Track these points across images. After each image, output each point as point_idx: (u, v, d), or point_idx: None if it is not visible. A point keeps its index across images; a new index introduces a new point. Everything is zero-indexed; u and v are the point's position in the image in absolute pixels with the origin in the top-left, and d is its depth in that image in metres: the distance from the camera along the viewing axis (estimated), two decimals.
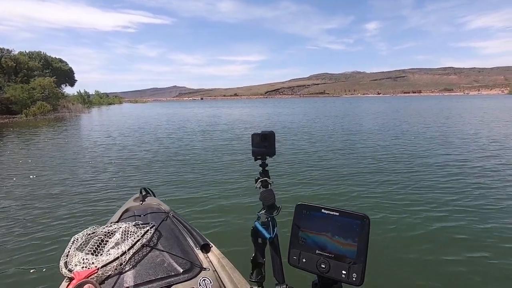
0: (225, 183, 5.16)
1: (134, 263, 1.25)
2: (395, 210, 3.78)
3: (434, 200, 4.06)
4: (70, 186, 5.26)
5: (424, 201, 4.02)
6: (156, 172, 6.09)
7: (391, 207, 3.88)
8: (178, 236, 1.52)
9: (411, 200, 4.10)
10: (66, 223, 3.65)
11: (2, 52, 36.46)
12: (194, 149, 8.63)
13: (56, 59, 46.56)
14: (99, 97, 60.56)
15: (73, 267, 1.19)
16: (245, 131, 12.51)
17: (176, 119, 20.92)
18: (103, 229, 1.41)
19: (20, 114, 26.99)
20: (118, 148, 9.30)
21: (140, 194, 2.14)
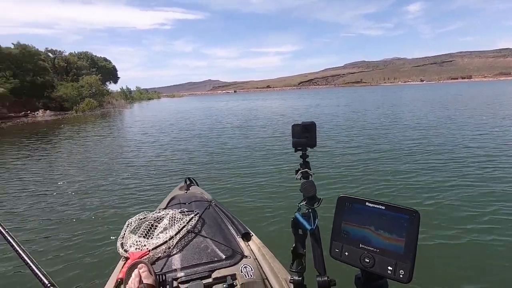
0: (263, 173, 5.20)
1: (181, 247, 1.34)
2: (447, 209, 3.39)
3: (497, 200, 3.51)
4: (122, 175, 5.75)
5: (482, 203, 3.48)
6: (199, 162, 6.37)
7: (441, 206, 3.48)
8: (220, 224, 1.59)
9: (466, 199, 3.62)
10: (120, 208, 4.03)
11: (55, 54, 39.71)
12: (233, 141, 8.68)
13: (101, 58, 49.68)
14: (139, 92, 63.85)
15: (128, 248, 1.32)
16: (281, 123, 12.17)
17: (212, 112, 21.11)
18: (152, 215, 1.54)
19: (71, 110, 29.23)
20: (161, 140, 9.73)
21: (185, 183, 2.27)
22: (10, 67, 28.69)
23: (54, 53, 39.46)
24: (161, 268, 1.22)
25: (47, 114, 27.13)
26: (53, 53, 39.34)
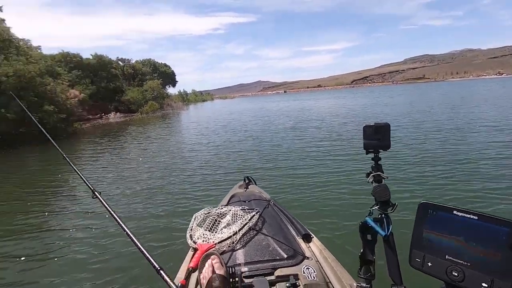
0: (320, 175, 5.11)
1: (244, 243, 1.39)
2: None
3: None
4: (184, 172, 6.18)
5: None
6: (254, 162, 6.50)
7: None
8: (279, 224, 1.61)
9: None
10: (185, 203, 4.35)
11: (124, 62, 44.29)
12: (287, 142, 8.62)
13: (162, 64, 53.92)
14: (194, 95, 67.76)
15: (196, 240, 1.42)
16: (336, 123, 11.55)
17: (264, 113, 21.16)
18: (216, 210, 1.63)
19: (137, 112, 32.26)
20: (217, 140, 10.10)
21: (244, 182, 2.36)
22: (89, 75, 32.89)
23: (123, 61, 44.11)
24: (226, 261, 1.27)
25: (117, 116, 30.39)
26: (123, 61, 44.00)
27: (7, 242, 3.59)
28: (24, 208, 4.77)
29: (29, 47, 19.19)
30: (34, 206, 4.87)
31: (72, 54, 32.50)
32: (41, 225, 4.08)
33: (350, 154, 6.54)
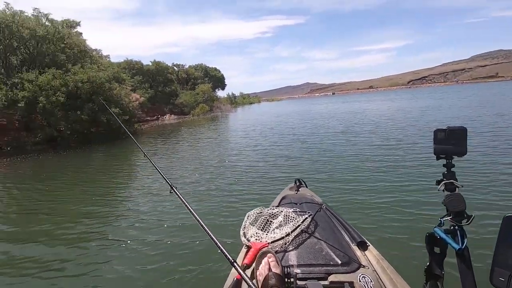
0: (379, 180, 4.86)
1: (296, 245, 1.39)
2: None
3: None
4: (236, 172, 6.36)
5: None
6: (304, 165, 6.42)
7: None
8: (332, 228, 1.58)
9: None
10: (237, 201, 4.52)
11: (179, 67, 47.31)
12: (337, 146, 8.34)
13: (212, 68, 56.31)
14: (242, 98, 69.28)
15: (249, 238, 1.45)
16: (393, 128, 10.65)
17: (311, 116, 20.64)
18: (268, 211, 1.65)
19: (189, 114, 34.10)
20: (266, 142, 10.19)
21: (295, 184, 2.35)
22: (148, 80, 35.81)
23: (178, 67, 47.16)
24: (280, 261, 1.27)
25: (172, 118, 32.51)
26: (178, 66, 47.06)
27: (85, 229, 4.06)
28: (100, 199, 5.44)
29: (100, 56, 21.60)
30: (110, 197, 5.62)
31: (134, 61, 35.79)
32: (116, 215, 4.59)
33: (411, 160, 6.02)
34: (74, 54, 16.93)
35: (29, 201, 5.77)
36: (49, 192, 6.29)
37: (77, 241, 3.71)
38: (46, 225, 4.31)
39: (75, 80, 13.92)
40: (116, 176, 7.49)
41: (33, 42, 15.05)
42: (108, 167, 9.03)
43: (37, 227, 4.26)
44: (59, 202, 5.52)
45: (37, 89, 13.01)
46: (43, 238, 3.88)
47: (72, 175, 8.10)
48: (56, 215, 4.76)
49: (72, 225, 4.25)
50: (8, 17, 14.23)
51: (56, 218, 4.58)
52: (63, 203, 5.46)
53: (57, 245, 3.68)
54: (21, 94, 12.77)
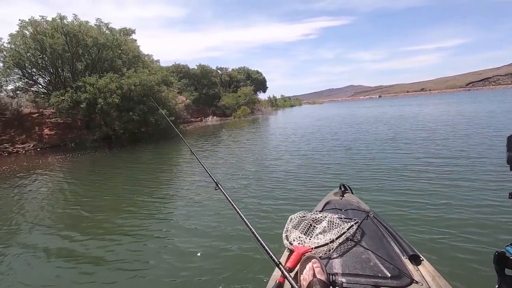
0: (436, 190, 4.44)
1: (341, 252, 1.35)
2: None
3: None
4: (278, 174, 6.36)
5: None
6: (351, 171, 6.15)
7: None
8: (381, 239, 1.48)
9: None
10: (280, 203, 4.48)
11: (222, 71, 48.73)
12: (389, 153, 7.81)
13: (254, 71, 57.01)
14: (283, 100, 68.97)
15: (292, 241, 1.43)
16: (453, 135, 9.53)
17: (356, 120, 19.60)
18: (311, 215, 1.63)
19: (230, 116, 34.83)
20: (308, 146, 10.01)
21: (340, 189, 2.28)
22: (193, 83, 37.45)
23: (222, 70, 48.60)
24: (325, 267, 1.24)
25: (214, 119, 33.52)
26: (221, 70, 48.51)
27: (130, 222, 4.32)
28: (147, 194, 5.79)
29: (152, 61, 23.08)
30: (157, 192, 5.97)
31: (181, 65, 37.73)
32: (162, 210, 4.85)
33: (476, 169, 5.36)
34: (129, 59, 18.32)
35: (83, 194, 6.30)
36: (101, 186, 6.81)
37: (123, 233, 3.94)
38: (97, 216, 4.68)
39: (128, 83, 15.00)
40: (163, 172, 8.01)
41: (95, 49, 16.61)
42: (156, 164, 9.65)
43: (89, 219, 4.62)
44: (109, 196, 5.92)
45: (97, 91, 14.28)
46: (93, 229, 4.18)
47: (123, 171, 8.71)
48: (106, 208, 5.11)
49: (121, 217, 4.57)
50: (76, 27, 15.90)
51: (107, 211, 4.92)
52: (113, 196, 5.86)
53: (104, 236, 3.91)
54: (83, 96, 14.14)
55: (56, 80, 17.33)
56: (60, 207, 5.39)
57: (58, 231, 4.19)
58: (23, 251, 3.60)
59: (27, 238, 4.04)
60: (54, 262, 3.31)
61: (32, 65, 16.73)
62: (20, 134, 16.72)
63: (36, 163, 10.99)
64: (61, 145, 16.63)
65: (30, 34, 15.55)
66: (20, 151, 15.15)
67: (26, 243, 3.85)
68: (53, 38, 15.18)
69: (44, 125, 17.81)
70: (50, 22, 15.66)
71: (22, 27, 15.49)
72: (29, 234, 4.18)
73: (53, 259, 3.38)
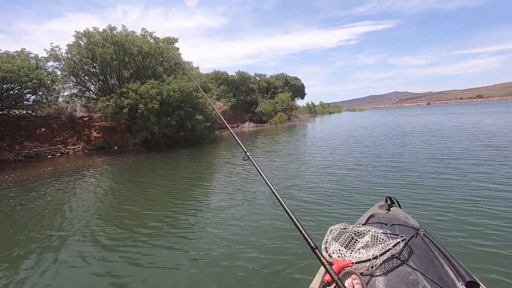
0: (498, 213, 3.88)
1: (385, 271, 1.25)
2: None
3: None
4: (318, 183, 6.20)
5: None
6: (400, 182, 5.77)
7: None
8: (432, 260, 1.36)
9: None
10: (320, 213, 4.35)
11: (260, 77, 48.89)
12: (445, 162, 7.32)
13: (292, 77, 56.36)
14: (322, 107, 67.14)
15: (331, 254, 1.36)
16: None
17: (403, 130, 17.97)
18: (353, 228, 1.56)
19: (267, 122, 34.51)
20: (351, 155, 9.55)
21: (386, 202, 2.13)
22: (232, 90, 37.98)
23: (260, 77, 48.77)
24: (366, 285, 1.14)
25: (250, 126, 33.49)
26: (259, 76, 48.71)
27: (167, 222, 4.53)
28: (181, 198, 5.96)
29: (191, 68, 23.75)
30: (191, 196, 6.10)
31: (221, 72, 38.52)
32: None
33: None
34: (171, 66, 18.98)
35: (123, 194, 6.62)
36: (140, 187, 7.13)
37: (160, 229, 4.26)
38: (136, 212, 5.11)
39: (168, 89, 15.42)
40: (199, 176, 8.15)
41: (139, 57, 17.46)
42: (190, 167, 9.78)
43: (129, 215, 5.01)
44: (147, 196, 6.22)
45: (138, 97, 14.88)
46: (133, 221, 4.66)
47: (161, 173, 9.03)
48: (145, 206, 5.47)
49: (159, 215, 4.89)
50: (123, 37, 16.90)
51: (146, 208, 5.29)
52: (150, 196, 6.15)
53: (148, 226, 4.37)
54: (126, 102, 14.82)
55: (104, 87, 18.56)
56: (106, 205, 5.80)
57: (105, 227, 4.50)
58: (75, 244, 3.90)
59: (76, 233, 4.31)
60: (98, 260, 3.46)
61: (84, 73, 18.13)
62: (72, 136, 18.11)
63: (84, 164, 11.62)
64: (106, 147, 17.64)
65: (84, 44, 16.87)
66: (70, 152, 16.34)
67: (77, 237, 4.15)
68: (103, 48, 16.27)
69: (92, 128, 19.12)
70: (101, 33, 16.84)
71: (78, 38, 16.88)
72: (77, 229, 4.46)
73: (98, 256, 3.55)
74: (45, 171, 10.22)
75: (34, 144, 16.19)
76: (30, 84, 14.49)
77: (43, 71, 16.07)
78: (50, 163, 12.68)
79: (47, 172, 9.94)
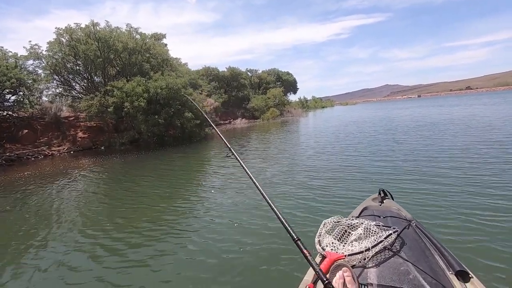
0: (491, 203, 3.87)
1: (377, 262, 1.26)
2: None
3: None
4: (312, 178, 6.08)
5: None
6: (393, 174, 5.73)
7: None
8: (423, 250, 1.39)
9: None
10: (312, 208, 4.31)
11: (252, 73, 48.38)
12: (435, 153, 7.36)
13: (284, 72, 55.97)
14: (314, 101, 67.02)
15: (324, 247, 1.38)
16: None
17: (394, 125, 17.88)
18: (346, 221, 1.57)
19: (259, 118, 34.18)
20: (343, 148, 9.52)
21: (379, 195, 2.16)
22: (223, 86, 37.45)
23: (251, 72, 48.26)
24: (356, 277, 1.16)
25: (242, 122, 33.08)
26: (251, 72, 48.18)
27: (158, 223, 4.43)
28: (171, 196, 5.96)
29: (180, 64, 23.15)
30: (180, 194, 6.08)
31: (211, 68, 37.91)
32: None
33: None
34: (158, 63, 18.41)
35: (113, 195, 6.46)
36: (130, 187, 6.98)
37: (150, 231, 4.13)
38: (126, 213, 4.99)
39: (155, 86, 14.91)
40: (192, 173, 8.10)
41: (125, 54, 16.86)
42: (183, 165, 9.66)
43: (119, 215, 4.92)
44: (137, 195, 6.10)
45: (124, 95, 14.35)
46: (122, 222, 4.57)
47: (149, 173, 8.74)
48: (135, 207, 5.34)
49: (149, 217, 4.75)
50: (107, 33, 16.26)
51: (135, 209, 5.19)
52: (140, 196, 6.01)
53: (134, 229, 4.23)
54: (111, 100, 14.28)
55: (89, 85, 17.92)
56: (92, 207, 5.65)
57: (91, 229, 4.40)
58: (59, 247, 3.83)
59: (60, 236, 4.24)
60: (86, 259, 3.46)
61: (68, 72, 17.45)
62: (57, 137, 17.47)
63: (66, 166, 11.12)
64: (92, 147, 17.07)
65: (66, 41, 16.19)
66: (55, 154, 15.76)
67: (61, 239, 4.11)
68: (86, 45, 15.62)
69: (78, 128, 18.49)
70: (83, 29, 16.17)
71: (59, 34, 16.17)
72: (62, 231, 4.40)
73: (86, 256, 3.54)
74: (22, 176, 9.71)
75: (17, 147, 15.55)
76: (9, 84, 13.83)
77: (22, 70, 15.38)
78: (30, 166, 12.13)
79: (24, 177, 9.44)
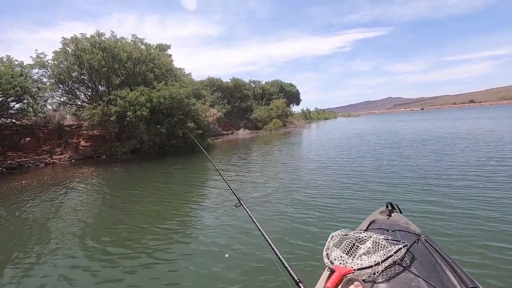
0: (502, 217, 3.75)
1: (387, 277, 1.23)
2: None
3: None
4: (317, 190, 6.03)
5: None
6: (401, 188, 5.62)
7: None
8: (434, 266, 1.34)
9: None
10: (323, 220, 4.26)
11: (255, 84, 48.70)
12: (444, 169, 7.07)
13: (287, 84, 56.25)
14: (317, 113, 67.07)
15: (333, 261, 1.35)
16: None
17: (399, 138, 17.65)
18: (354, 234, 1.54)
19: (262, 129, 34.11)
20: (348, 161, 9.34)
21: (386, 208, 2.13)
22: (226, 96, 37.63)
23: (255, 83, 48.58)
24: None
25: (245, 132, 33.01)
26: (254, 83, 48.51)
27: (153, 237, 4.29)
28: (170, 208, 5.81)
29: (183, 74, 23.31)
30: (179, 206, 5.91)
31: (215, 79, 38.19)
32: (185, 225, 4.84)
33: None
34: (162, 73, 18.51)
35: (112, 206, 6.32)
36: (128, 199, 6.81)
37: (144, 248, 3.92)
38: (123, 230, 4.73)
39: (158, 96, 14.91)
40: (188, 187, 7.85)
41: (129, 63, 16.99)
42: (181, 177, 9.49)
43: (116, 232, 4.68)
44: (135, 209, 5.90)
45: (127, 104, 14.34)
46: (116, 239, 4.36)
47: (148, 184, 8.51)
48: (131, 222, 5.09)
49: (143, 231, 4.58)
50: (112, 43, 16.44)
51: (131, 224, 4.94)
52: (138, 210, 5.80)
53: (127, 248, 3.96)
54: (114, 109, 14.27)
55: (94, 94, 18.00)
56: (91, 216, 5.65)
57: (91, 240, 4.34)
58: (60, 256, 3.82)
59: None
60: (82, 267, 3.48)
61: (72, 81, 17.58)
62: (59, 145, 17.44)
63: (65, 175, 10.98)
64: (94, 156, 16.99)
65: (71, 51, 16.37)
66: (56, 162, 15.67)
67: (61, 248, 4.08)
68: (91, 54, 15.77)
69: (81, 136, 18.47)
70: (89, 39, 16.37)
71: (65, 44, 16.38)
72: (63, 241, 4.36)
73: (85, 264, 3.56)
74: (19, 184, 9.56)
75: (18, 154, 15.50)
76: (13, 92, 13.90)
77: (28, 78, 15.50)
78: (29, 174, 12.02)
79: (20, 186, 9.28)
